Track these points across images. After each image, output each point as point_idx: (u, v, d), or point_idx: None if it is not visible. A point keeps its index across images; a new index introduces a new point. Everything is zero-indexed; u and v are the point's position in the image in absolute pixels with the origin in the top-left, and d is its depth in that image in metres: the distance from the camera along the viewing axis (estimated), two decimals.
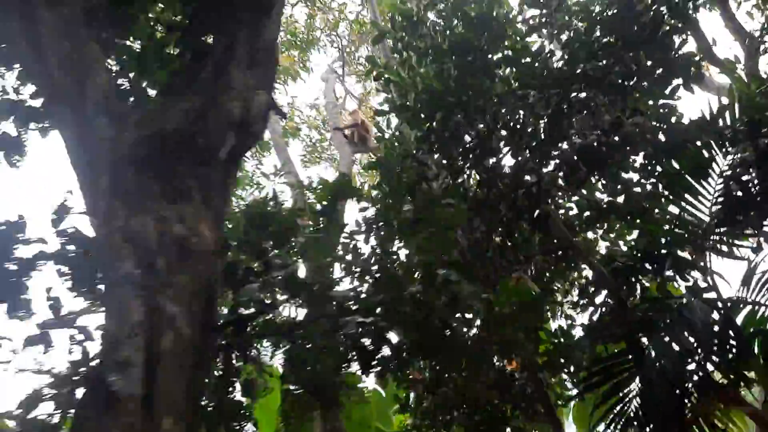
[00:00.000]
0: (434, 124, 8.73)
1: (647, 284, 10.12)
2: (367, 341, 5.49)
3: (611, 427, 8.91)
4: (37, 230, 5.16)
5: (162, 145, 5.03)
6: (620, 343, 9.97)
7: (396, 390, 11.51)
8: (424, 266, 5.20)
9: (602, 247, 11.65)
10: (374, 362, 5.64)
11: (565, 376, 11.45)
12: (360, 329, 4.91)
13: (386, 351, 5.55)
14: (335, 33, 19.64)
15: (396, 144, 9.69)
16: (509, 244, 10.38)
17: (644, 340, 8.89)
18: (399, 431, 14.19)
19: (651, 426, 8.56)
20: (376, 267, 5.72)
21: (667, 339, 8.37)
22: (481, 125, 8.55)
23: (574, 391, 11.38)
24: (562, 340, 10.53)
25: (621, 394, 8.86)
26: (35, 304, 4.79)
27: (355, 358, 5.66)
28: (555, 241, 10.65)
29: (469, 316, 5.98)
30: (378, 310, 5.23)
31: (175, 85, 6.36)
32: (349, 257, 5.94)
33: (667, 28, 8.64)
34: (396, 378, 7.86)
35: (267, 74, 5.97)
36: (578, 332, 10.84)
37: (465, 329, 5.73)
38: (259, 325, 5.21)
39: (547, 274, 11.26)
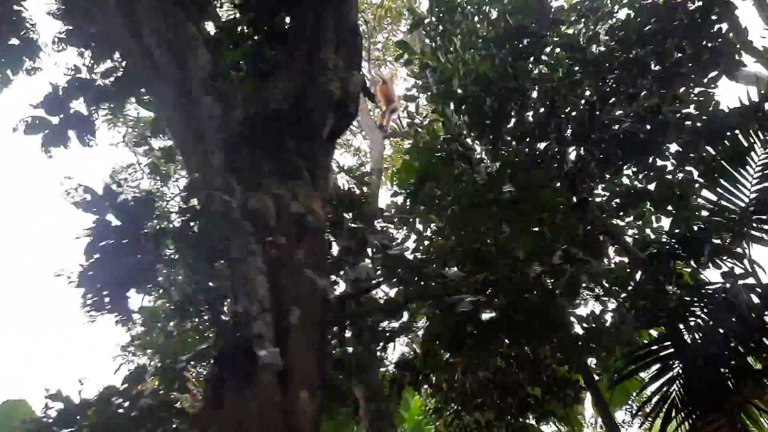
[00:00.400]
0: (484, 109, 8.77)
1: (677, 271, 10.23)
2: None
3: (654, 412, 9.04)
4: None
5: (268, 124, 5.07)
6: (649, 329, 10.12)
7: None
8: (542, 248, 5.29)
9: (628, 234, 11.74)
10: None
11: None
12: (472, 308, 4.99)
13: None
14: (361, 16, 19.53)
15: (439, 128, 9.74)
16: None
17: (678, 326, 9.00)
18: (418, 415, 14.26)
19: (694, 409, 8.66)
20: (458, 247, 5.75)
21: (711, 323, 8.50)
22: (539, 111, 8.61)
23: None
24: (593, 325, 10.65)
25: (664, 379, 8.96)
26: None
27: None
28: (588, 226, 10.76)
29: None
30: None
31: (255, 64, 6.37)
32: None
33: (713, 16, 8.74)
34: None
35: (354, 55, 6.02)
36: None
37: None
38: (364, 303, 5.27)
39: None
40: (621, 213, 11.04)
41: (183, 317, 4.46)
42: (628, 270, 10.84)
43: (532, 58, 8.73)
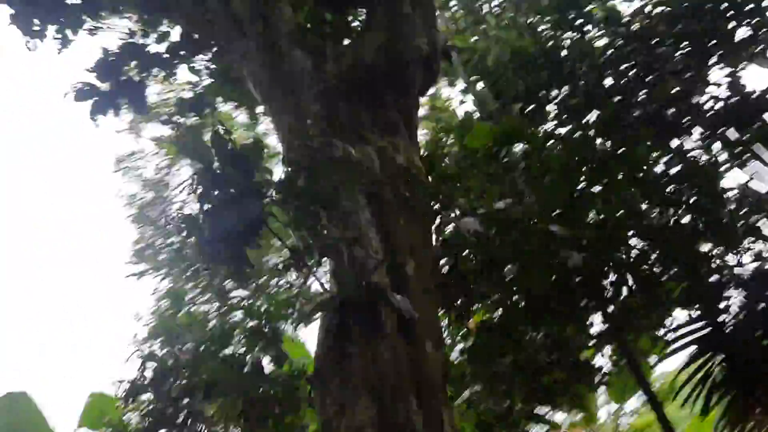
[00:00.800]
0: (522, 86, 8.67)
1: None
2: None
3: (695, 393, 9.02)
4: None
5: (364, 78, 4.93)
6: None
7: None
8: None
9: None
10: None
11: None
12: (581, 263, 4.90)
13: None
14: None
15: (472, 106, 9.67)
16: None
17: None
18: None
19: (734, 388, 8.62)
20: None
21: (749, 302, 8.51)
22: (580, 87, 8.53)
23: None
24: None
25: (703, 359, 8.92)
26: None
27: None
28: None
29: None
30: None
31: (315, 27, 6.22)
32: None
33: None
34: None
35: (430, 12, 5.88)
36: None
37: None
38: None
39: None
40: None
41: (297, 269, 4.27)
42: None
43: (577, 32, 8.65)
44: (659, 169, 11.19)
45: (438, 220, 5.18)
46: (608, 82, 9.46)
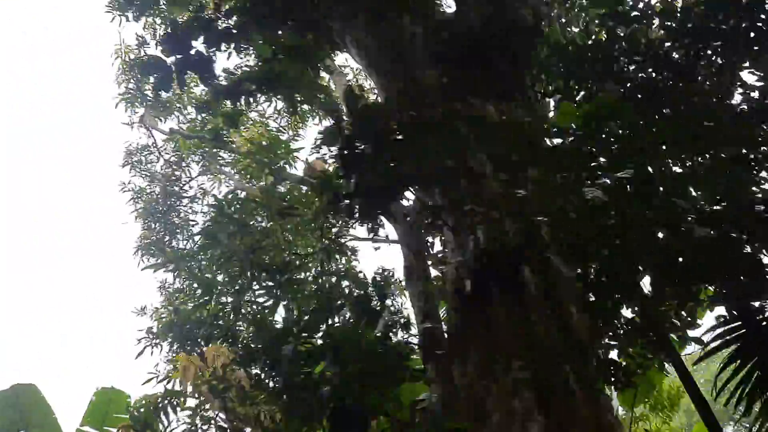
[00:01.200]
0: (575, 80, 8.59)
1: None
2: None
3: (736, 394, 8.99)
4: None
5: (476, 45, 4.83)
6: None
7: None
8: None
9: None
10: None
11: None
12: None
13: None
14: None
15: None
16: None
17: None
18: None
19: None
20: None
21: None
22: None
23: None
24: None
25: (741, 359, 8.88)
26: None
27: None
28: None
29: None
30: None
31: None
32: None
33: None
34: None
35: None
36: None
37: None
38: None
39: None
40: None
41: (436, 228, 4.15)
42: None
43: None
44: None
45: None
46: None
